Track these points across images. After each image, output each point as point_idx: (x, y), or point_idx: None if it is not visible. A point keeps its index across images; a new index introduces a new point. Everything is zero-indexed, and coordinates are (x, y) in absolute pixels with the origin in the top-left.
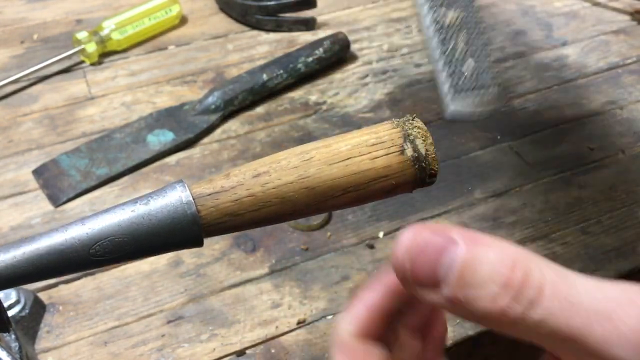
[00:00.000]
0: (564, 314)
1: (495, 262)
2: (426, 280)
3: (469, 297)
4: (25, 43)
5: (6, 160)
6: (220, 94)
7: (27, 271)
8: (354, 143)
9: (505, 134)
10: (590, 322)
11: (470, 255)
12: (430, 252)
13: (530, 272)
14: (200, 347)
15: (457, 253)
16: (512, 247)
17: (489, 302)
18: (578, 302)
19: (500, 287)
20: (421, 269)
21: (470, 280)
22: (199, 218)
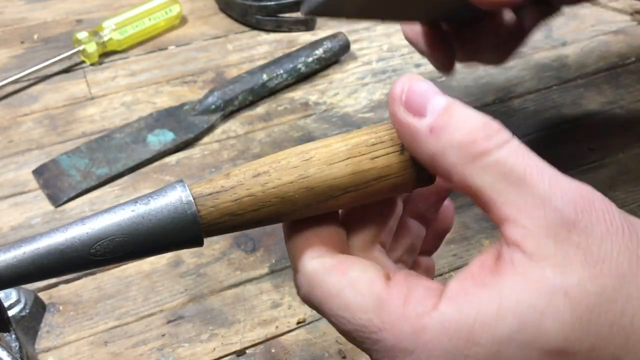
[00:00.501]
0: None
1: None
2: (416, 106)
3: (450, 125)
4: (25, 43)
5: (6, 160)
6: (220, 94)
7: (27, 271)
8: (354, 143)
9: None
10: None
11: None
12: (425, 88)
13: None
14: (201, 347)
15: (446, 97)
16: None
17: (465, 132)
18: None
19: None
20: (415, 96)
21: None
22: (199, 218)
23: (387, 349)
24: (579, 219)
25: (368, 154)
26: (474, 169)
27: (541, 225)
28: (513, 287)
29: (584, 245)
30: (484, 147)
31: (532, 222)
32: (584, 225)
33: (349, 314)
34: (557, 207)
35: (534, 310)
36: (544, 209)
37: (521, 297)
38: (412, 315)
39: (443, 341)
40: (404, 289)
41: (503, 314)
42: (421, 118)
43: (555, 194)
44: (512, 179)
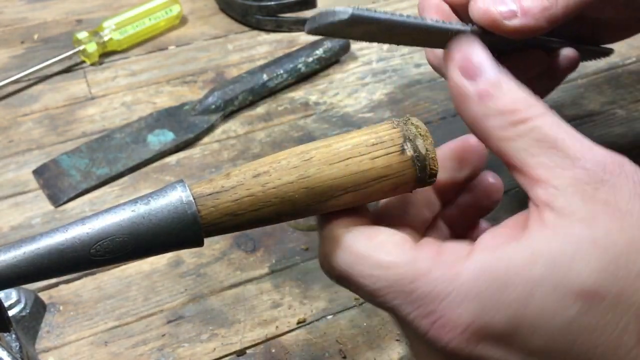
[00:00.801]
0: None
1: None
2: (471, 70)
3: (495, 93)
4: (25, 43)
5: (6, 160)
6: (220, 94)
7: (27, 271)
8: (354, 143)
9: None
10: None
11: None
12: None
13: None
14: (201, 347)
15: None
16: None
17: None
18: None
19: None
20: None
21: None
22: (199, 218)
23: (423, 296)
24: (606, 178)
25: (368, 154)
26: (511, 134)
27: (570, 183)
28: (543, 238)
29: (612, 201)
30: (523, 115)
31: (562, 181)
32: (611, 184)
33: (382, 272)
34: (585, 167)
35: (564, 256)
36: (573, 169)
37: (551, 245)
38: (447, 263)
39: (478, 285)
40: (435, 246)
41: (535, 259)
42: (473, 82)
43: (585, 156)
44: (546, 144)
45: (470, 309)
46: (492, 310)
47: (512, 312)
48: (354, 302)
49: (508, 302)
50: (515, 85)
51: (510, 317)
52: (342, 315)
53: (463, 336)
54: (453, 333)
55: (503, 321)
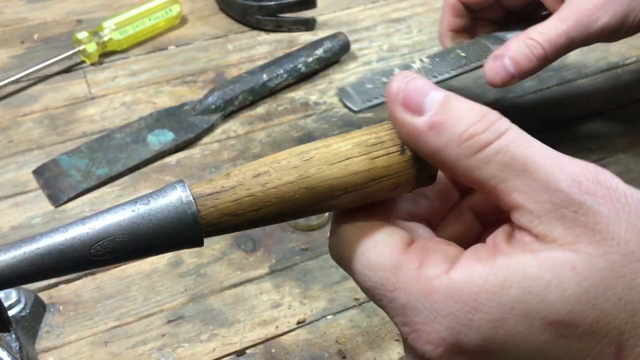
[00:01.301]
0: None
1: (473, 104)
2: (414, 104)
3: (449, 120)
4: (25, 43)
5: (6, 160)
6: (220, 94)
7: (27, 271)
8: (354, 143)
9: None
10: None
11: (452, 96)
12: (421, 86)
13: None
14: (201, 347)
15: (442, 92)
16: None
17: (465, 126)
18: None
19: (477, 117)
20: (412, 94)
21: (451, 108)
22: (199, 218)
23: (400, 307)
24: (583, 199)
25: (368, 154)
26: (476, 162)
27: (547, 209)
28: (521, 261)
29: (592, 224)
30: (483, 139)
31: (538, 206)
32: (589, 205)
33: (370, 272)
34: (561, 189)
35: (540, 282)
36: (549, 193)
37: (528, 270)
38: (424, 278)
39: (449, 304)
40: (421, 254)
41: (508, 284)
42: (420, 116)
43: (558, 177)
44: (514, 167)
45: (443, 326)
46: (464, 329)
47: (483, 333)
48: (354, 302)
49: (479, 324)
50: (466, 104)
51: (482, 338)
52: (342, 315)
53: (438, 349)
54: (428, 345)
55: (475, 340)
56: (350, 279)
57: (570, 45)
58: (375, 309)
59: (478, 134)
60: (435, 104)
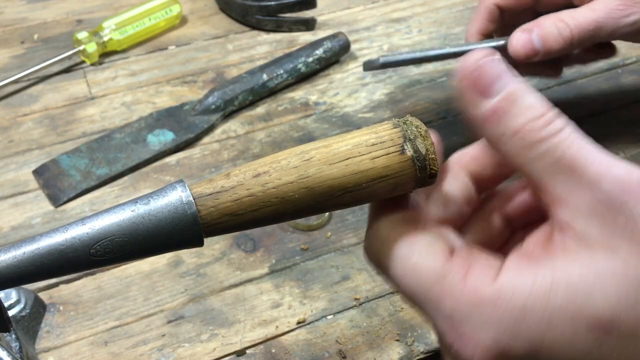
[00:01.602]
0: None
1: (538, 99)
2: (484, 87)
3: (511, 112)
4: (25, 43)
5: (6, 160)
6: (220, 94)
7: (27, 271)
8: (354, 143)
9: None
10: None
11: (523, 86)
12: (495, 68)
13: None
14: (201, 347)
15: (513, 80)
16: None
17: (524, 120)
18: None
19: (537, 113)
20: (485, 76)
21: (515, 100)
22: (199, 218)
23: (446, 316)
24: (625, 201)
25: (368, 154)
26: (529, 156)
27: (589, 207)
28: (564, 265)
29: (631, 226)
30: (538, 136)
31: (580, 203)
32: (631, 207)
33: (413, 279)
34: (604, 189)
35: (584, 285)
36: (592, 192)
37: (572, 273)
38: (471, 288)
39: (497, 313)
40: (465, 264)
41: (555, 290)
42: (486, 99)
43: (603, 178)
44: (563, 164)
45: (492, 332)
46: (513, 335)
47: (531, 339)
48: (354, 302)
49: (527, 330)
50: (531, 98)
51: (530, 343)
52: (342, 315)
53: (485, 355)
54: (475, 350)
55: (524, 346)
56: (350, 279)
57: (597, 34)
58: (375, 309)
59: (533, 131)
60: (505, 90)
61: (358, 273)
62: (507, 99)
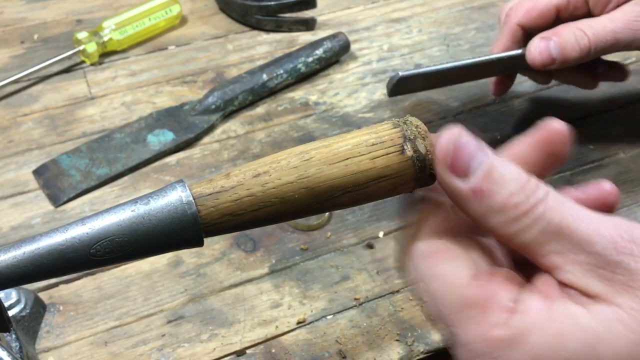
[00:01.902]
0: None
1: (515, 172)
2: (460, 168)
3: (491, 189)
4: (25, 43)
5: (6, 160)
6: (220, 94)
7: (27, 271)
8: (354, 143)
9: (505, 134)
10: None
11: (496, 161)
12: (468, 148)
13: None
14: (201, 347)
15: (488, 156)
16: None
17: (505, 196)
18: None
19: (517, 187)
20: (459, 158)
21: (494, 176)
22: (199, 218)
23: (461, 344)
24: (620, 259)
25: (368, 154)
26: (515, 230)
27: (585, 269)
28: (574, 312)
29: (630, 282)
30: (523, 209)
31: (576, 267)
32: (626, 264)
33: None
34: (597, 251)
35: (592, 334)
36: (585, 255)
37: (581, 321)
38: (487, 325)
39: (510, 354)
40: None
41: (564, 335)
42: (465, 178)
43: (593, 240)
44: (552, 232)
45: None
46: None
47: None
48: (354, 302)
49: None
50: (509, 171)
51: None
52: (342, 315)
53: None
54: None
55: None
56: (350, 278)
57: (615, 45)
58: (375, 309)
59: (518, 205)
60: (481, 169)
61: (358, 273)
62: (486, 178)
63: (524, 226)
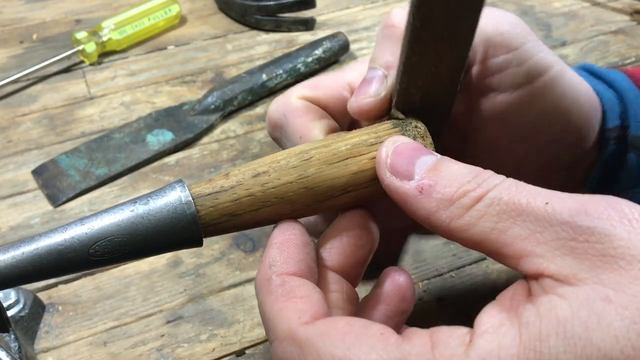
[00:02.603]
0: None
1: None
2: (401, 170)
3: (439, 182)
4: (24, 43)
5: (5, 160)
6: (219, 94)
7: (26, 271)
8: (353, 143)
9: None
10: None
11: (442, 159)
12: (407, 150)
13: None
14: (200, 347)
15: (433, 155)
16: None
17: (455, 185)
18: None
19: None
20: (399, 160)
21: (441, 171)
22: (198, 218)
23: None
24: (594, 224)
25: (368, 154)
26: (470, 219)
27: (554, 246)
28: (549, 307)
29: (610, 250)
30: (474, 195)
31: (544, 246)
32: (601, 229)
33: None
34: (564, 220)
35: (578, 324)
36: (552, 228)
37: (560, 313)
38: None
39: None
40: (425, 335)
41: (545, 336)
42: (409, 180)
43: (558, 209)
44: (510, 213)
45: None
46: None
47: None
48: None
49: None
50: (458, 165)
51: None
52: None
53: None
54: None
55: None
56: None
57: None
58: None
59: (468, 191)
60: (425, 167)
61: None
62: (431, 172)
63: (478, 213)
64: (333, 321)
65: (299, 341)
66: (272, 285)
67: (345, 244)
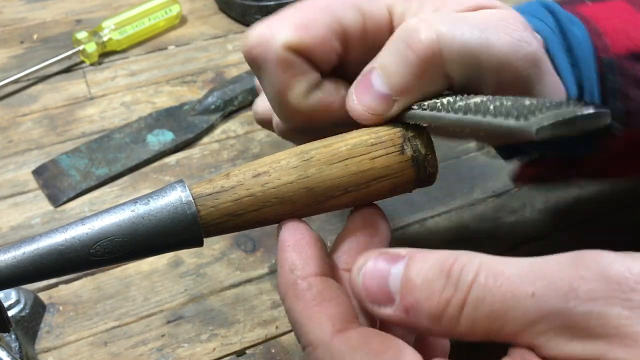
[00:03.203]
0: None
1: (432, 260)
2: (381, 299)
3: (418, 299)
4: (24, 43)
5: (6, 160)
6: (220, 94)
7: (27, 271)
8: (353, 143)
9: None
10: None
11: (410, 263)
12: (378, 276)
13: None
14: (200, 347)
15: (398, 268)
16: (446, 252)
17: (435, 298)
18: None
19: (442, 280)
20: (374, 290)
21: (414, 282)
22: (198, 218)
23: None
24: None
25: (368, 154)
26: (465, 328)
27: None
28: None
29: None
30: (457, 301)
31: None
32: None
33: None
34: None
35: None
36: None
37: None
38: None
39: None
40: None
41: None
42: (391, 305)
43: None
44: (499, 312)
45: None
46: None
47: None
48: None
49: None
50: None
51: None
52: None
53: None
54: None
55: None
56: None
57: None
58: None
59: (450, 299)
60: (398, 283)
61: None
62: (406, 289)
63: (470, 319)
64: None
65: (332, 352)
66: (299, 289)
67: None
